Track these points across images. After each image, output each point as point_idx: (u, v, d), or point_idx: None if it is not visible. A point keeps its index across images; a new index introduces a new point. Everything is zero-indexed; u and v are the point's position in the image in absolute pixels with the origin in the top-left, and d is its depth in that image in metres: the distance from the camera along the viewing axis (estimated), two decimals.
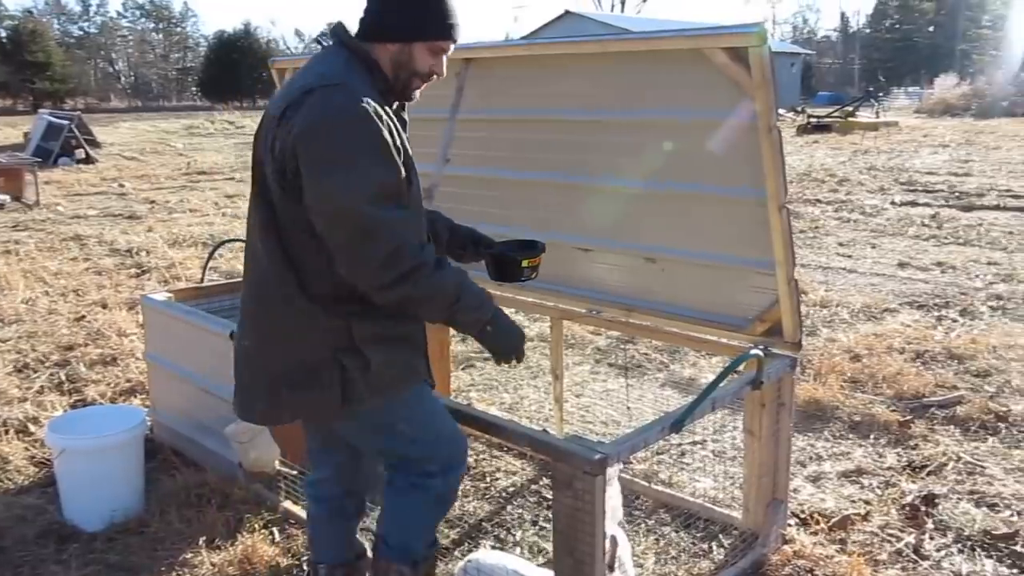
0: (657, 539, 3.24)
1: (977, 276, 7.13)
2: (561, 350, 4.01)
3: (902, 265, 7.70)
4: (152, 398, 4.14)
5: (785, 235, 2.77)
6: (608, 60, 3.03)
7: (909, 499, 3.44)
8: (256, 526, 3.20)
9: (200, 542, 3.10)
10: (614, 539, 2.52)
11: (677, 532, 3.28)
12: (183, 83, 60.82)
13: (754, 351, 2.68)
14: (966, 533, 3.20)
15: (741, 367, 2.73)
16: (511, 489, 3.68)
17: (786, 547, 3.08)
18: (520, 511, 3.49)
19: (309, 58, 2.25)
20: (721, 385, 2.56)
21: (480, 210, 3.87)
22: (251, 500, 3.41)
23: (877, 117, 26.15)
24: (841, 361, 5.05)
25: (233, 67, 47.17)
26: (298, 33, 61.90)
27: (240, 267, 7.91)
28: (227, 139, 23.63)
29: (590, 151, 3.31)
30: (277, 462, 3.35)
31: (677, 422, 2.44)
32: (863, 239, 8.94)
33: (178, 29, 63.33)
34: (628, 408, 4.59)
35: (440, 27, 2.12)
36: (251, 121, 28.84)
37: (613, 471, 2.27)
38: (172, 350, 3.83)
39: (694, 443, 4.16)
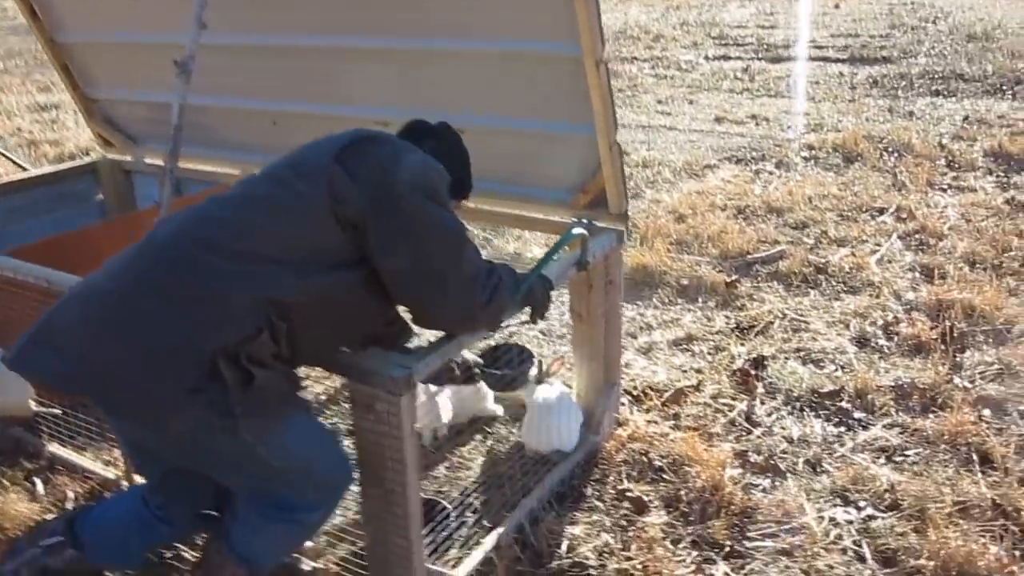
0: (485, 437, 2.99)
1: (789, 127, 7.20)
2: None
3: (719, 120, 7.67)
4: None
5: (604, 95, 2.44)
6: None
7: (739, 363, 3.36)
8: (9, 481, 2.67)
9: None
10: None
11: (506, 426, 3.04)
12: None
13: (577, 229, 2.38)
14: (795, 394, 3.14)
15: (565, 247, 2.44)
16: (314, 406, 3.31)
17: (620, 430, 2.91)
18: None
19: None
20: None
21: (249, 84, 3.32)
22: (8, 449, 2.87)
23: None
24: (666, 223, 4.92)
25: None
26: None
27: None
28: None
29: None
30: (32, 403, 2.80)
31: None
32: (680, 95, 8.85)
33: None
34: None
35: (469, 189, 2.25)
36: None
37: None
38: None
39: (521, 323, 3.91)
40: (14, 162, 3.85)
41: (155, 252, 1.81)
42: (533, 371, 2.86)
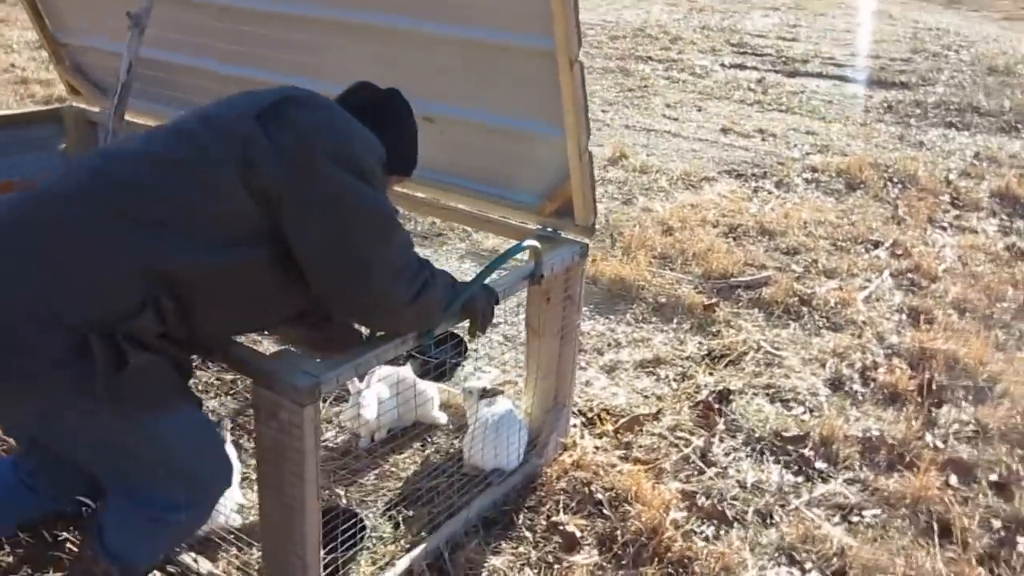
0: (423, 445, 2.82)
1: (795, 146, 6.99)
2: None
3: (725, 131, 7.46)
4: None
5: (577, 97, 2.25)
6: None
7: (703, 395, 3.18)
8: None
9: None
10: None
11: (448, 437, 2.87)
12: None
13: (528, 241, 2.19)
14: (757, 434, 2.96)
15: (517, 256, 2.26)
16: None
17: (565, 455, 2.73)
18: None
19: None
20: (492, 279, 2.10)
21: (221, 47, 3.12)
22: None
23: None
24: (653, 235, 4.73)
25: None
26: None
27: None
28: None
29: None
30: None
31: (427, 335, 1.94)
32: (690, 101, 8.64)
33: None
34: None
35: (412, 165, 2.07)
36: None
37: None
38: None
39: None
40: None
41: (33, 209, 1.62)
42: (479, 383, 2.69)
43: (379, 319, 1.85)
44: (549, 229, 2.61)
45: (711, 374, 3.37)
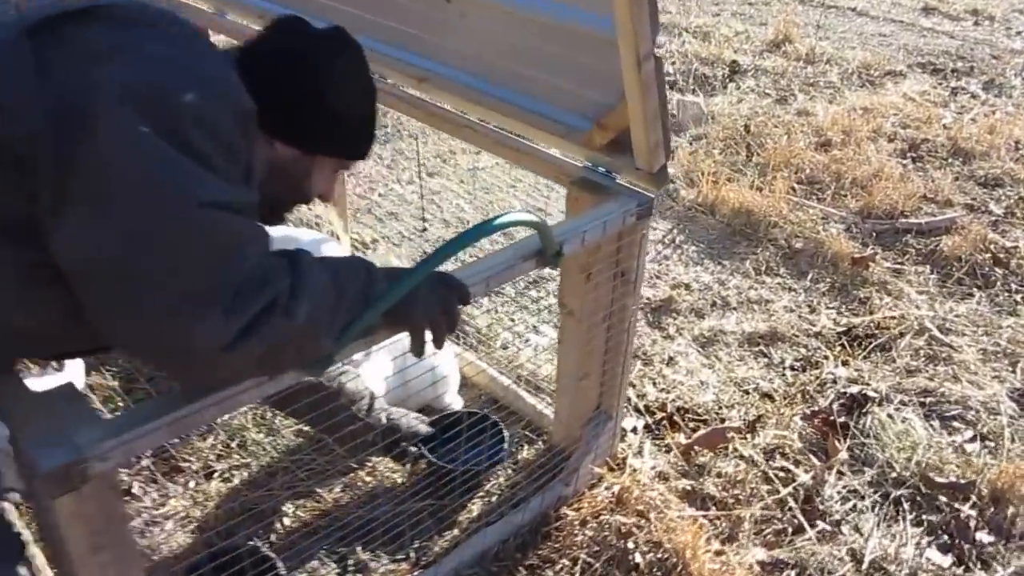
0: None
1: (1019, 33, 5.50)
2: None
3: (927, 11, 6.02)
4: None
5: None
6: None
7: (827, 398, 2.29)
8: None
9: None
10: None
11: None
12: None
13: (511, 216, 1.34)
14: (895, 473, 2.07)
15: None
16: None
17: (605, 483, 1.96)
18: None
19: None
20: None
21: None
22: None
23: None
24: (804, 149, 3.69)
25: None
26: None
27: None
28: None
29: None
30: None
31: (318, 363, 1.18)
32: None
33: None
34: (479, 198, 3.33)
35: (368, 145, 1.35)
36: None
37: None
38: None
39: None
40: None
41: None
42: None
43: (175, 368, 1.08)
44: (601, 170, 1.76)
45: (845, 363, 2.45)
